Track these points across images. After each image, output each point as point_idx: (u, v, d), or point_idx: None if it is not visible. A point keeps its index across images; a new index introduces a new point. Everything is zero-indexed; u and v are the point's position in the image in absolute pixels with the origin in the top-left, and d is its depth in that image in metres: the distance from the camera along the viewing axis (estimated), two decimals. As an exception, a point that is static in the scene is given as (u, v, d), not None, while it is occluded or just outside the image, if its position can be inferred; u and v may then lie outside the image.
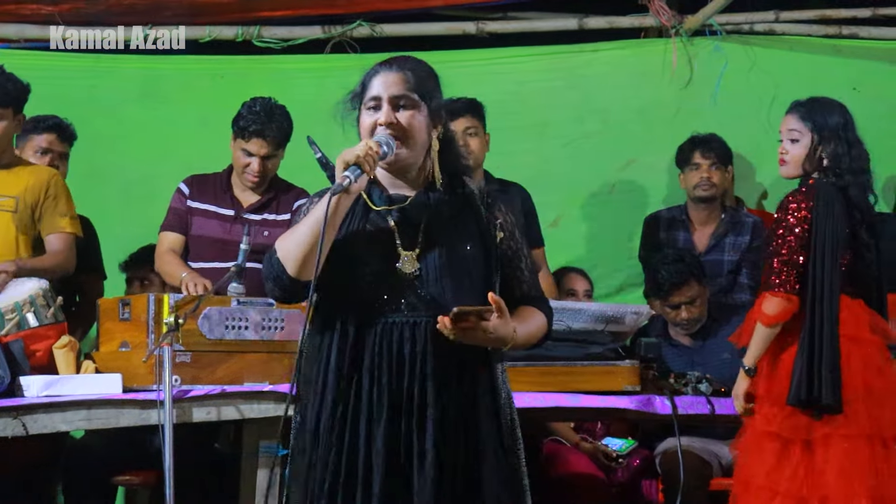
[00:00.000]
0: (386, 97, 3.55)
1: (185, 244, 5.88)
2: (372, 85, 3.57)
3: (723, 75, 7.25)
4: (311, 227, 3.46)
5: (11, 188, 5.65)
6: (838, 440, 4.85)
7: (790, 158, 5.08)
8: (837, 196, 4.96)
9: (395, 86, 3.56)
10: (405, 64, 3.61)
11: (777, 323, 4.92)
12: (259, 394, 4.95)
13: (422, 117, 3.57)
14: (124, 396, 4.87)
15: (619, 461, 6.12)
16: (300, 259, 3.47)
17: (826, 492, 4.81)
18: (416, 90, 3.57)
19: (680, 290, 6.09)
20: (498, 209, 3.67)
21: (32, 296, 5.12)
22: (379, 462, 3.45)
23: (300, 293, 3.53)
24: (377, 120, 3.54)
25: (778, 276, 4.90)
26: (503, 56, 7.39)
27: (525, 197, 6.37)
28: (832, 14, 7.45)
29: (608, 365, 5.32)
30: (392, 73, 3.57)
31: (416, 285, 3.50)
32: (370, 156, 3.46)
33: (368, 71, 3.62)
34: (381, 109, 3.55)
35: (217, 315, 5.00)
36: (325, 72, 7.02)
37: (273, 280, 3.53)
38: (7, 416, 4.71)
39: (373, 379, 3.49)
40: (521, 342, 3.57)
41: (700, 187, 6.59)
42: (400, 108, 3.55)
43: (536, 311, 3.67)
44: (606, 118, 7.37)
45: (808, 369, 4.84)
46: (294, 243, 3.48)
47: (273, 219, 5.82)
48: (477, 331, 3.43)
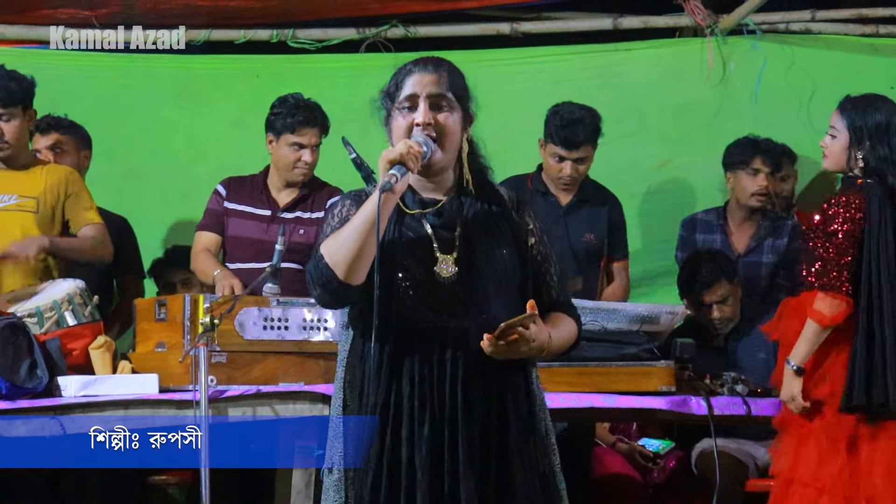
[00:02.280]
0: (424, 95, 3.50)
1: (222, 245, 5.89)
2: (406, 84, 3.52)
3: (761, 74, 7.21)
4: (357, 229, 3.39)
5: (32, 189, 5.68)
6: (886, 440, 4.82)
7: (828, 153, 5.08)
8: (885, 197, 4.91)
9: (433, 85, 3.51)
10: (440, 64, 3.57)
11: (834, 325, 4.87)
12: (294, 394, 4.96)
13: (457, 118, 3.54)
14: (160, 396, 4.89)
15: (655, 462, 6.10)
16: (350, 262, 3.39)
17: (873, 492, 4.77)
18: (452, 90, 3.53)
19: (711, 288, 6.07)
20: (528, 214, 3.64)
21: (70, 294, 5.15)
22: (422, 468, 3.42)
23: (351, 297, 3.47)
24: (414, 120, 3.49)
25: (830, 276, 4.84)
26: (537, 55, 7.37)
27: (615, 207, 6.40)
28: (869, 13, 7.39)
29: (643, 365, 5.29)
30: (428, 72, 3.52)
31: (455, 289, 3.47)
32: (413, 154, 3.41)
33: (400, 69, 3.57)
34: (416, 109, 3.49)
35: (253, 315, 5.00)
36: (361, 71, 7.01)
37: (322, 286, 3.44)
38: (45, 415, 4.74)
39: (413, 385, 3.46)
40: (556, 348, 3.56)
41: (756, 196, 6.49)
42: (437, 109, 3.51)
43: (567, 317, 3.65)
44: (642, 118, 7.34)
45: (866, 373, 4.78)
46: (343, 247, 3.40)
47: (307, 217, 5.84)
48: (520, 344, 3.40)
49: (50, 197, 5.68)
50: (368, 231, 3.37)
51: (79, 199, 5.72)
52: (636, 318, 5.39)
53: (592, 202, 6.33)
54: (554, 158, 6.17)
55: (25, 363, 4.82)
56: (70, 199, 5.70)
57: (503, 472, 3.48)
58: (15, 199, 5.68)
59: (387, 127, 3.58)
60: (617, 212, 6.40)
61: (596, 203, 6.34)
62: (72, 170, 5.86)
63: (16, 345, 4.84)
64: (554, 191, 6.20)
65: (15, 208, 5.67)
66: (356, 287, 3.43)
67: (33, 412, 4.75)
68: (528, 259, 3.59)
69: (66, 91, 5.82)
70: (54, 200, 5.69)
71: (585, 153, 6.17)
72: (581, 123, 6.11)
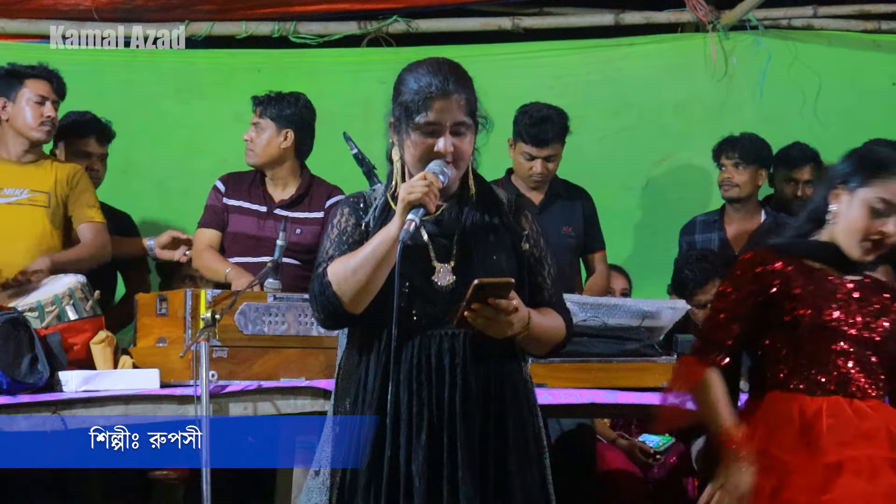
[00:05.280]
0: (448, 126, 3.48)
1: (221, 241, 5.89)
2: (429, 109, 3.47)
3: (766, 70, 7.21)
4: (370, 262, 3.42)
5: (43, 183, 5.70)
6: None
7: None
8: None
9: (456, 112, 3.48)
10: (459, 84, 3.51)
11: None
12: (295, 389, 4.96)
13: (472, 137, 3.54)
14: (161, 392, 4.88)
15: (656, 458, 6.11)
16: (357, 293, 3.43)
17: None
18: (470, 113, 3.52)
19: (703, 288, 6.09)
20: (524, 217, 3.63)
21: (71, 289, 5.15)
22: (420, 476, 3.42)
23: (353, 322, 3.52)
24: (437, 148, 3.47)
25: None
26: (539, 50, 7.37)
27: (587, 201, 6.46)
28: (871, 9, 7.40)
29: (644, 361, 5.29)
30: (451, 99, 3.48)
31: (454, 298, 3.45)
32: (433, 192, 3.41)
33: (419, 87, 3.49)
34: (437, 135, 3.47)
35: (254, 310, 5.00)
36: (362, 65, 7.01)
37: (328, 315, 3.48)
38: (46, 410, 4.74)
39: (411, 392, 3.46)
40: (538, 332, 3.52)
41: (723, 187, 6.61)
42: (457, 135, 3.49)
43: (555, 313, 3.63)
44: (642, 113, 7.35)
45: None
46: (352, 278, 3.43)
47: (305, 216, 5.82)
48: (500, 313, 3.39)
49: (60, 191, 5.71)
50: (378, 265, 3.41)
51: (83, 196, 5.74)
52: (637, 314, 5.39)
53: (564, 198, 6.41)
54: (524, 157, 6.25)
55: (26, 358, 4.82)
56: (74, 194, 5.72)
57: (501, 479, 3.47)
58: (27, 194, 5.69)
59: (396, 133, 3.55)
60: (590, 205, 6.48)
61: (567, 198, 6.42)
62: (79, 167, 5.87)
63: (17, 339, 4.84)
64: (526, 191, 6.22)
65: (27, 202, 5.68)
66: (358, 315, 3.47)
67: (34, 407, 4.75)
68: (524, 263, 3.58)
69: (68, 85, 5.80)
70: (64, 195, 5.72)
71: (554, 150, 6.26)
72: (550, 121, 6.21)
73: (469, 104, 3.52)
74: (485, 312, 3.39)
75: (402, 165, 3.57)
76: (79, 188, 5.73)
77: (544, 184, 6.34)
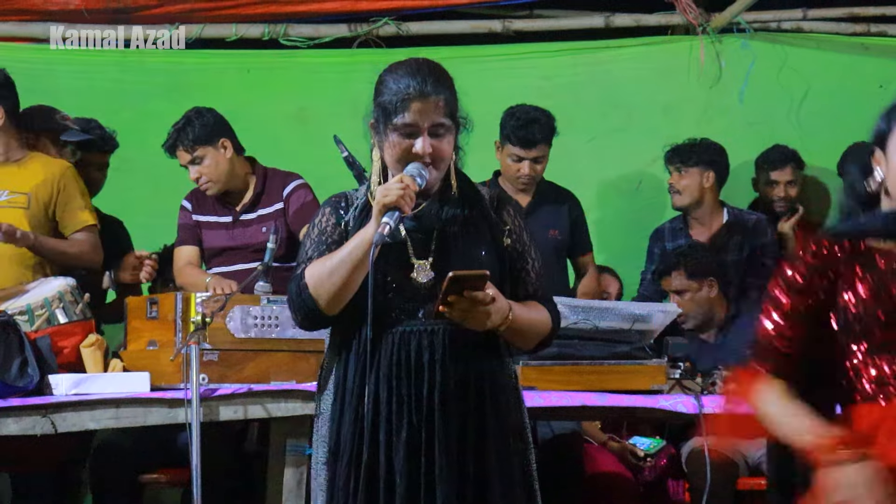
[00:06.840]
0: (425, 127, 3.48)
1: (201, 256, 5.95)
2: (407, 110, 3.46)
3: (751, 73, 7.22)
4: (345, 264, 3.44)
5: (23, 184, 5.60)
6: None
7: None
8: None
9: (434, 113, 3.48)
10: (438, 85, 3.50)
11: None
12: (286, 392, 4.96)
13: (452, 138, 3.54)
14: (152, 395, 4.88)
15: (646, 460, 6.11)
16: (333, 296, 3.47)
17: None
18: (450, 114, 3.52)
19: (665, 279, 6.19)
20: (507, 212, 3.63)
21: (61, 292, 5.13)
22: (401, 472, 3.43)
23: (329, 324, 3.56)
24: (414, 150, 3.47)
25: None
26: (528, 52, 7.39)
27: (574, 204, 6.48)
28: (860, 12, 7.41)
29: (635, 364, 5.30)
30: (429, 100, 3.47)
31: (433, 294, 3.46)
32: (409, 195, 3.41)
33: (398, 88, 3.48)
34: (415, 136, 3.48)
35: (244, 313, 5.00)
36: (352, 66, 7.00)
37: (304, 316, 3.53)
38: (36, 414, 4.74)
39: (391, 389, 3.47)
40: (520, 323, 3.52)
41: (671, 197, 6.72)
42: (436, 136, 3.49)
43: (539, 305, 3.63)
44: (631, 115, 7.36)
45: None
46: (328, 280, 3.46)
47: (266, 213, 5.85)
48: (476, 305, 3.39)
49: (43, 193, 5.59)
50: (354, 267, 3.42)
51: (72, 198, 5.63)
52: (628, 317, 5.39)
53: (551, 200, 6.44)
54: (511, 159, 6.28)
55: (16, 361, 4.80)
56: (62, 196, 5.63)
57: (481, 475, 3.48)
58: (6, 195, 5.62)
59: (376, 134, 3.56)
60: (577, 208, 6.50)
61: (554, 201, 6.45)
62: (69, 165, 5.75)
63: (6, 343, 4.82)
64: (513, 193, 6.23)
65: (6, 204, 5.58)
66: (336, 315, 3.50)
67: (24, 410, 4.75)
68: (505, 258, 3.59)
69: (60, 86, 5.81)
70: (47, 197, 5.61)
71: (542, 152, 6.28)
72: (537, 123, 6.24)
73: (448, 105, 3.51)
74: (461, 304, 3.39)
75: (381, 166, 3.58)
76: (67, 192, 5.61)
77: (531, 186, 6.36)
